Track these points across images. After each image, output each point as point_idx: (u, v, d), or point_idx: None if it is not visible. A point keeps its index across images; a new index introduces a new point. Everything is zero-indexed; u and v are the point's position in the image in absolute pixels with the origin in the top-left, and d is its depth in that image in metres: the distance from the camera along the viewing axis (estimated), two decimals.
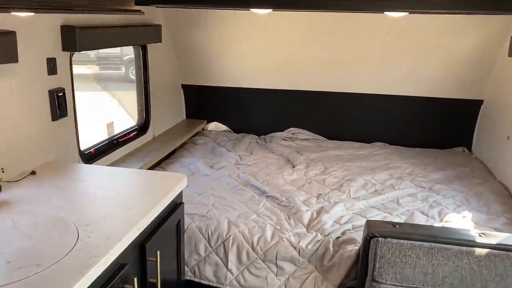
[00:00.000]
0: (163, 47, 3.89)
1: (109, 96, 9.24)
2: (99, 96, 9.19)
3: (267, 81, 4.27)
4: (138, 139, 3.55)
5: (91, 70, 9.89)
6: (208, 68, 4.25)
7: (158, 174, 2.31)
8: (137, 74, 3.59)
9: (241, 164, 3.59)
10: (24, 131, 2.26)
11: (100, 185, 2.13)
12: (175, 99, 4.35)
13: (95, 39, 2.62)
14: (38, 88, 2.33)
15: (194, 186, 3.07)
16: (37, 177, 2.21)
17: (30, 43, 2.24)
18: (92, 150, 2.94)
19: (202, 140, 4.17)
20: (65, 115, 2.54)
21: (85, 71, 9.66)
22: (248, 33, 3.89)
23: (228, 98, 4.44)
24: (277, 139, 4.27)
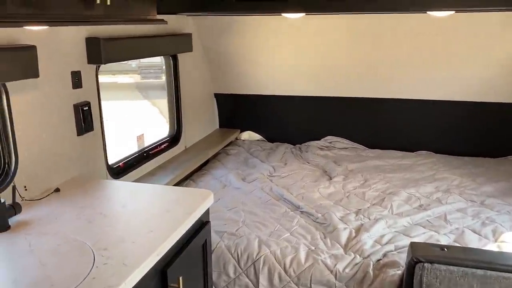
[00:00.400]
0: (195, 56, 3.80)
1: (150, 105, 9.37)
2: (141, 104, 9.34)
3: (302, 87, 4.09)
4: (169, 150, 3.46)
5: (133, 79, 10.08)
6: (241, 76, 4.13)
7: (183, 190, 2.20)
8: (168, 84, 3.51)
9: (275, 176, 3.42)
10: (49, 147, 2.20)
11: (122, 204, 2.03)
12: (207, 108, 4.25)
13: (120, 50, 2.55)
14: (62, 102, 2.27)
15: (225, 200, 2.94)
16: (60, 195, 2.14)
17: (53, 57, 2.18)
18: (121, 164, 2.86)
19: (235, 150, 4.04)
20: (91, 129, 2.47)
21: (127, 80, 9.86)
22: (281, 39, 3.74)
23: (262, 106, 4.30)
24: (313, 148, 4.08)
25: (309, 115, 4.23)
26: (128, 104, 8.96)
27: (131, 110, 8.24)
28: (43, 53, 2.10)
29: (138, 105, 9.18)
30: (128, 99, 9.38)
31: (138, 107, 8.98)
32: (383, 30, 3.50)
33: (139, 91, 10.34)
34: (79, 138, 2.40)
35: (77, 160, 2.40)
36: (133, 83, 10.13)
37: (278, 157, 3.88)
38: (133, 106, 8.85)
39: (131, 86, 10.04)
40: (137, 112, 8.43)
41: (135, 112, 8.32)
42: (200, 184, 3.25)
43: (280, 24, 3.58)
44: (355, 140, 4.18)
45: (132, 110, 8.33)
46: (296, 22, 3.49)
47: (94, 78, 2.50)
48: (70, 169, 2.36)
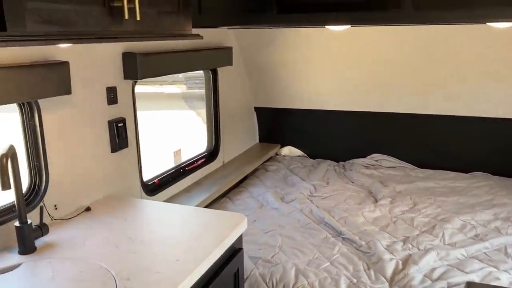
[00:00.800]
0: (235, 69, 3.71)
1: (195, 114, 9.47)
2: (186, 114, 9.46)
3: (347, 102, 3.89)
4: (207, 166, 3.37)
5: (179, 90, 10.26)
6: (282, 90, 3.99)
7: (215, 214, 2.07)
8: (207, 98, 3.43)
9: (315, 196, 3.24)
10: (81, 164, 2.14)
11: (151, 227, 1.93)
12: (247, 122, 4.14)
13: (157, 65, 2.48)
14: (96, 118, 2.22)
15: (262, 222, 2.79)
16: (90, 214, 2.08)
17: (88, 73, 2.14)
18: (156, 180, 2.79)
19: (275, 166, 3.89)
20: (126, 146, 2.41)
21: (174, 91, 10.06)
22: (324, 52, 3.57)
23: (303, 120, 4.14)
24: (358, 166, 3.86)
25: (354, 131, 4.02)
26: (174, 113, 9.07)
27: (176, 120, 8.34)
28: (78, 69, 2.06)
29: (183, 115, 9.31)
30: (175, 109, 9.53)
31: (183, 117, 9.10)
32: (436, 42, 3.26)
33: (185, 101, 10.51)
34: (113, 155, 2.35)
35: (111, 177, 2.34)
36: (180, 93, 10.31)
37: (319, 175, 3.69)
38: (179, 115, 8.97)
39: (178, 96, 10.22)
40: (182, 122, 8.53)
41: (179, 122, 8.41)
42: (236, 203, 3.12)
43: (324, 36, 3.42)
44: (403, 159, 3.92)
45: (177, 119, 8.44)
46: (341, 34, 3.32)
47: (130, 93, 2.45)
48: (103, 187, 2.30)
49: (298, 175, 3.69)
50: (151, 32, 1.62)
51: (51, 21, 1.21)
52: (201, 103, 11.92)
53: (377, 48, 3.44)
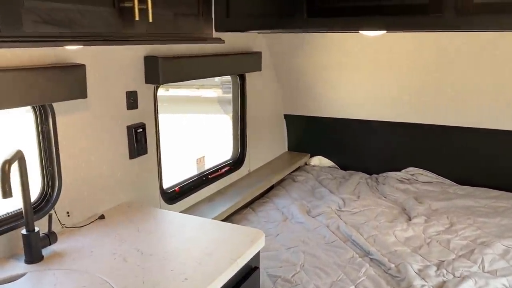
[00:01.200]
0: (265, 74, 3.59)
1: (229, 118, 9.48)
2: (220, 118, 9.50)
3: (382, 112, 3.69)
4: (231, 174, 3.26)
5: (216, 94, 10.32)
6: (314, 97, 3.84)
7: (232, 228, 1.95)
8: (234, 104, 3.32)
9: (344, 211, 3.06)
10: (97, 170, 2.08)
11: (162, 240, 1.83)
12: (276, 130, 4.00)
13: (180, 70, 2.39)
14: (114, 124, 2.15)
15: (284, 237, 2.65)
16: (104, 223, 2.00)
17: (107, 76, 2.07)
18: (177, 188, 2.70)
19: (303, 177, 3.73)
20: (145, 152, 2.33)
21: (211, 94, 10.15)
22: (358, 58, 3.40)
23: (335, 130, 3.96)
24: (392, 180, 3.64)
25: (389, 142, 3.81)
26: (209, 117, 9.11)
27: (209, 124, 8.35)
28: (95, 72, 2.00)
29: (218, 118, 9.33)
30: (211, 113, 9.61)
31: (217, 121, 9.11)
32: (480, 49, 3.02)
33: (220, 105, 10.55)
34: (132, 161, 2.27)
35: (128, 184, 2.27)
36: (216, 97, 10.37)
37: (350, 188, 3.50)
38: (213, 119, 9.01)
39: (214, 100, 10.30)
40: (215, 125, 8.53)
41: (212, 125, 8.42)
42: (259, 214, 2.99)
43: (358, 41, 3.25)
44: (441, 174, 3.67)
45: (210, 123, 8.46)
46: (376, 40, 3.14)
47: (151, 98, 2.37)
48: (120, 194, 2.22)
49: (327, 187, 3.52)
50: (166, 35, 1.52)
51: (51, 22, 1.13)
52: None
53: (415, 56, 3.24)
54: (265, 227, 2.79)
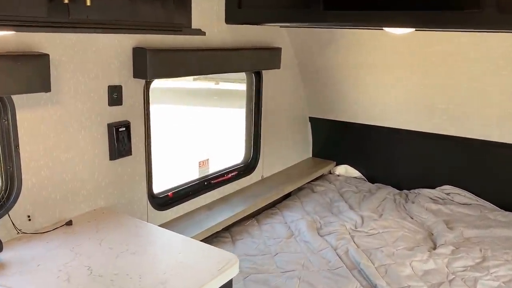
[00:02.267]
0: (287, 73, 3.29)
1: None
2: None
3: (417, 121, 3.28)
4: (240, 180, 2.99)
5: (243, 87, 10.24)
6: (342, 100, 3.48)
7: (203, 250, 1.70)
8: (247, 103, 3.05)
9: (360, 231, 2.71)
10: (70, 171, 1.89)
11: (120, 259, 1.60)
12: (299, 133, 3.68)
13: (173, 64, 2.15)
14: (93, 121, 1.95)
15: (283, 257, 2.35)
16: (69, 230, 1.81)
17: (86, 68, 1.88)
18: (170, 193, 2.48)
19: (323, 187, 3.40)
20: (128, 154, 2.12)
21: (239, 87, 10.13)
22: (391, 58, 3.01)
23: (365, 137, 3.58)
24: (424, 198, 3.22)
25: (424, 155, 3.38)
26: (231, 111, 8.91)
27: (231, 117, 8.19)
28: (71, 64, 1.81)
29: (239, 112, 9.19)
30: (237, 107, 9.58)
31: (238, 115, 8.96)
32: None
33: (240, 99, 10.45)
34: (112, 162, 2.07)
35: (108, 187, 2.07)
36: (241, 90, 10.29)
37: (374, 204, 3.13)
38: (234, 113, 8.88)
39: (236, 94, 10.29)
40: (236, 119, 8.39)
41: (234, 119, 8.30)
42: (263, 228, 2.70)
43: (391, 39, 2.87)
44: (482, 196, 3.20)
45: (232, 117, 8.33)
46: (412, 38, 2.74)
47: (141, 94, 2.15)
48: (97, 199, 2.03)
49: (347, 202, 3.16)
50: (112, 22, 1.28)
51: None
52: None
53: (456, 59, 2.80)
54: (265, 243, 2.51)
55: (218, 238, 2.55)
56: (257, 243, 2.50)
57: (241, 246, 2.47)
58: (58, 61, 1.77)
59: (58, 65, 1.77)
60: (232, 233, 2.60)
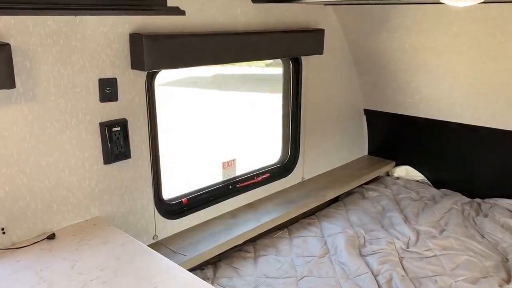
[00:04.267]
0: (335, 58, 2.84)
1: None
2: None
3: (495, 116, 2.67)
4: (274, 183, 2.63)
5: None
6: (403, 90, 2.94)
7: (189, 284, 1.37)
8: (284, 95, 2.66)
9: (412, 252, 2.23)
10: (53, 177, 1.66)
11: (101, 281, 1.33)
12: (351, 128, 3.20)
13: (177, 52, 1.82)
14: (80, 120, 1.70)
15: (311, 282, 1.97)
16: (47, 246, 1.59)
17: (69, 58, 1.62)
18: (184, 199, 2.18)
19: (377, 192, 2.92)
20: (126, 157, 1.85)
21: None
22: (460, 39, 2.43)
23: (431, 134, 3.02)
24: (501, 211, 2.63)
25: (505, 158, 2.76)
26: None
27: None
28: (50, 54, 1.56)
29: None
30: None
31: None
32: None
33: None
34: (107, 167, 1.81)
35: (102, 195, 1.82)
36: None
37: (436, 215, 2.60)
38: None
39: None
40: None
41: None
42: (294, 242, 2.32)
43: (460, 16, 2.30)
44: None
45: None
46: (488, 13, 2.16)
47: (142, 88, 1.86)
48: (89, 207, 1.79)
49: (403, 212, 2.67)
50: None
51: None
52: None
53: None
54: (292, 262, 2.13)
55: (240, 252, 2.21)
56: (283, 262, 2.12)
57: (262, 264, 2.11)
58: (32, 52, 1.52)
59: (32, 56, 1.52)
60: (256, 247, 2.26)
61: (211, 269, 2.06)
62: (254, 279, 1.99)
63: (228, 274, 2.02)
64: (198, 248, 2.03)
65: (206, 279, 1.97)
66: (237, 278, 2.00)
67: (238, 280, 1.98)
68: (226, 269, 2.06)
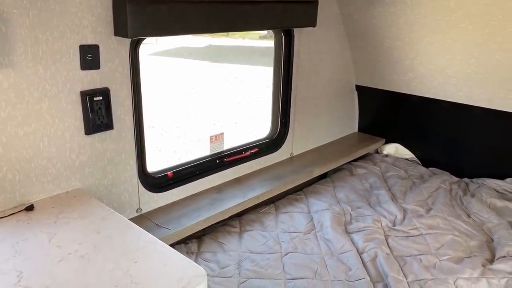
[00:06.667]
0: (329, 32, 2.77)
1: None
2: None
3: (488, 96, 2.63)
4: (262, 158, 2.59)
5: None
6: (396, 66, 2.89)
7: (169, 260, 1.34)
8: (275, 68, 2.59)
9: (398, 230, 2.22)
10: (31, 147, 1.60)
11: (68, 263, 1.29)
12: (342, 104, 3.16)
13: (163, 20, 1.74)
14: (60, 88, 1.63)
15: (294, 259, 1.95)
16: (24, 217, 1.54)
17: (48, 23, 1.53)
18: (169, 173, 2.14)
19: (365, 169, 2.90)
20: (109, 127, 1.79)
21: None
22: (457, 16, 2.37)
23: (422, 112, 2.99)
24: (488, 191, 2.62)
25: (495, 138, 2.74)
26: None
27: None
28: (26, 19, 1.48)
29: None
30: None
31: None
32: None
33: None
34: (89, 137, 1.76)
35: (84, 166, 1.77)
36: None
37: (423, 194, 2.60)
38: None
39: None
40: None
41: None
42: (280, 217, 2.30)
43: None
44: None
45: None
46: None
47: (125, 55, 1.79)
48: (70, 179, 1.74)
49: (391, 190, 2.66)
50: None
51: None
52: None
53: None
54: (277, 238, 2.11)
55: (225, 227, 2.20)
56: (268, 237, 2.11)
57: (247, 239, 2.09)
58: (7, 14, 1.44)
59: (7, 19, 1.44)
60: (242, 222, 2.24)
61: (195, 243, 2.04)
62: (238, 254, 1.98)
63: (213, 249, 2.00)
64: (182, 222, 2.00)
65: (190, 253, 1.96)
66: (221, 253, 1.98)
67: (222, 254, 1.96)
68: (211, 244, 2.04)
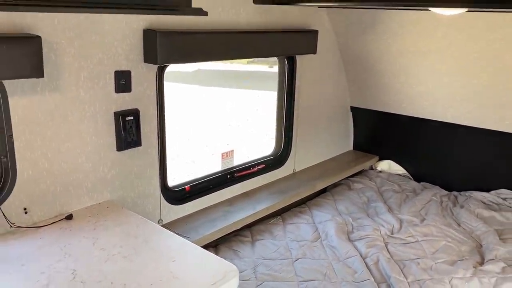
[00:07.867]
0: (327, 58, 3.02)
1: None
2: None
3: (472, 115, 2.89)
4: (268, 174, 2.79)
5: None
6: (387, 89, 3.15)
7: (203, 258, 1.52)
8: (279, 91, 2.82)
9: (396, 238, 2.43)
10: (71, 162, 1.78)
11: (110, 262, 1.46)
12: (339, 124, 3.40)
13: (186, 48, 1.96)
14: (97, 109, 1.82)
15: (304, 264, 2.14)
16: (66, 225, 1.71)
17: (89, 52, 1.74)
18: (187, 187, 2.32)
19: (362, 184, 3.11)
20: (137, 144, 1.98)
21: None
22: (444, 44, 2.64)
23: (412, 131, 3.24)
24: (475, 203, 2.85)
25: (480, 154, 3.00)
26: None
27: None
28: (73, 47, 1.68)
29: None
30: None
31: None
32: None
33: None
34: (120, 154, 1.94)
35: (114, 180, 1.95)
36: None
37: (417, 206, 2.81)
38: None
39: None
40: None
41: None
42: (287, 228, 2.49)
43: (444, 22, 2.50)
44: None
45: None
46: (467, 20, 2.37)
47: (153, 80, 1.99)
48: (102, 191, 1.91)
49: (386, 202, 2.87)
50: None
51: None
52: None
53: None
54: (287, 246, 2.30)
55: (238, 236, 2.37)
56: (278, 245, 2.29)
57: (260, 247, 2.27)
58: (57, 44, 1.64)
59: (56, 48, 1.64)
60: (253, 232, 2.42)
61: (212, 251, 2.20)
62: (253, 260, 2.15)
63: (229, 256, 2.17)
64: (200, 232, 2.17)
65: None
66: (237, 259, 2.15)
67: (238, 261, 2.13)
68: (226, 251, 2.21)
